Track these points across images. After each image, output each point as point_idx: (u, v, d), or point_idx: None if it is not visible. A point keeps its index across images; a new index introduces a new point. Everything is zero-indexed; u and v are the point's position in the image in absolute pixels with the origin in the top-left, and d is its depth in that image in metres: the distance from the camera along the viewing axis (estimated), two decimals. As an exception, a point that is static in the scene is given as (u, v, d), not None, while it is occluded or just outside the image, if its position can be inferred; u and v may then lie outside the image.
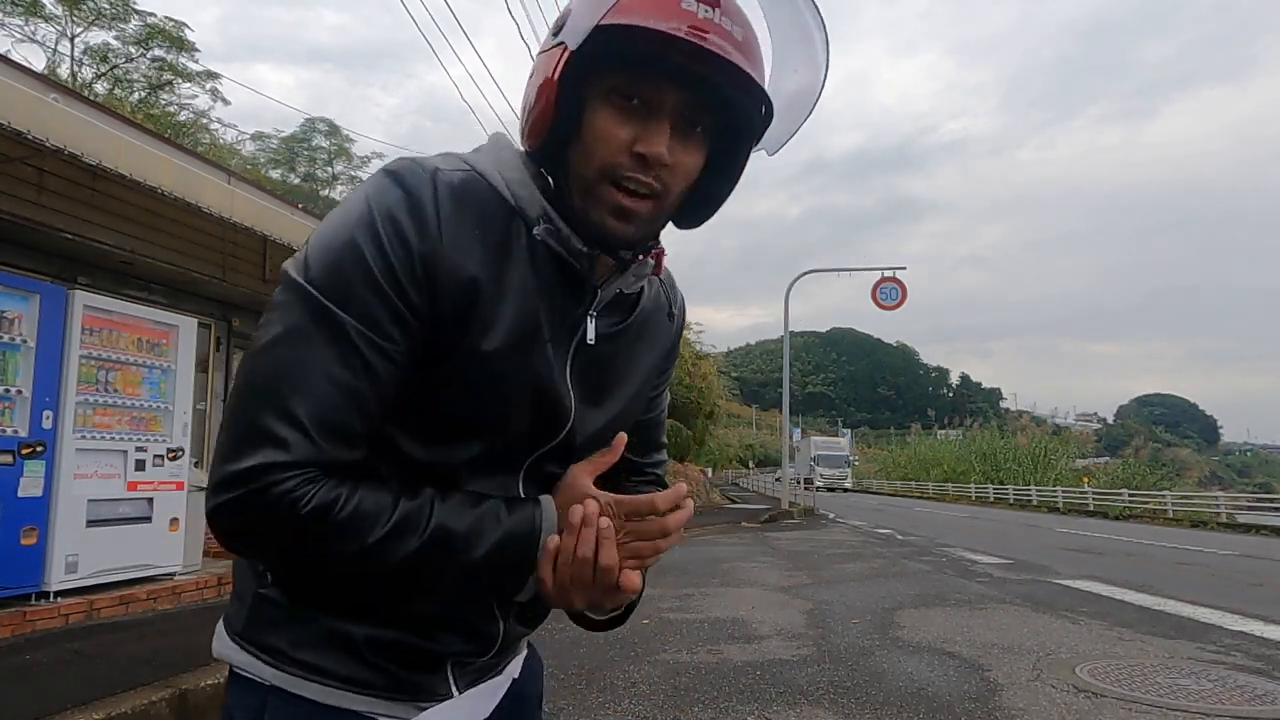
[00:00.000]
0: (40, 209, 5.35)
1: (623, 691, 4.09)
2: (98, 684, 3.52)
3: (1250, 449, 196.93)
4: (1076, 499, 27.81)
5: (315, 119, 33.49)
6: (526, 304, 0.80)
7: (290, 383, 0.71)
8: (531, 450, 0.85)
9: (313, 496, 0.70)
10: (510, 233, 0.80)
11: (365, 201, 0.76)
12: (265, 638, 0.81)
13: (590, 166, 0.78)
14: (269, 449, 0.70)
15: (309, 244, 0.77)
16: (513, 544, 0.77)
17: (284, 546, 0.73)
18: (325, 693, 0.80)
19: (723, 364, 46.13)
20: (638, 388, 0.95)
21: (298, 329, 0.73)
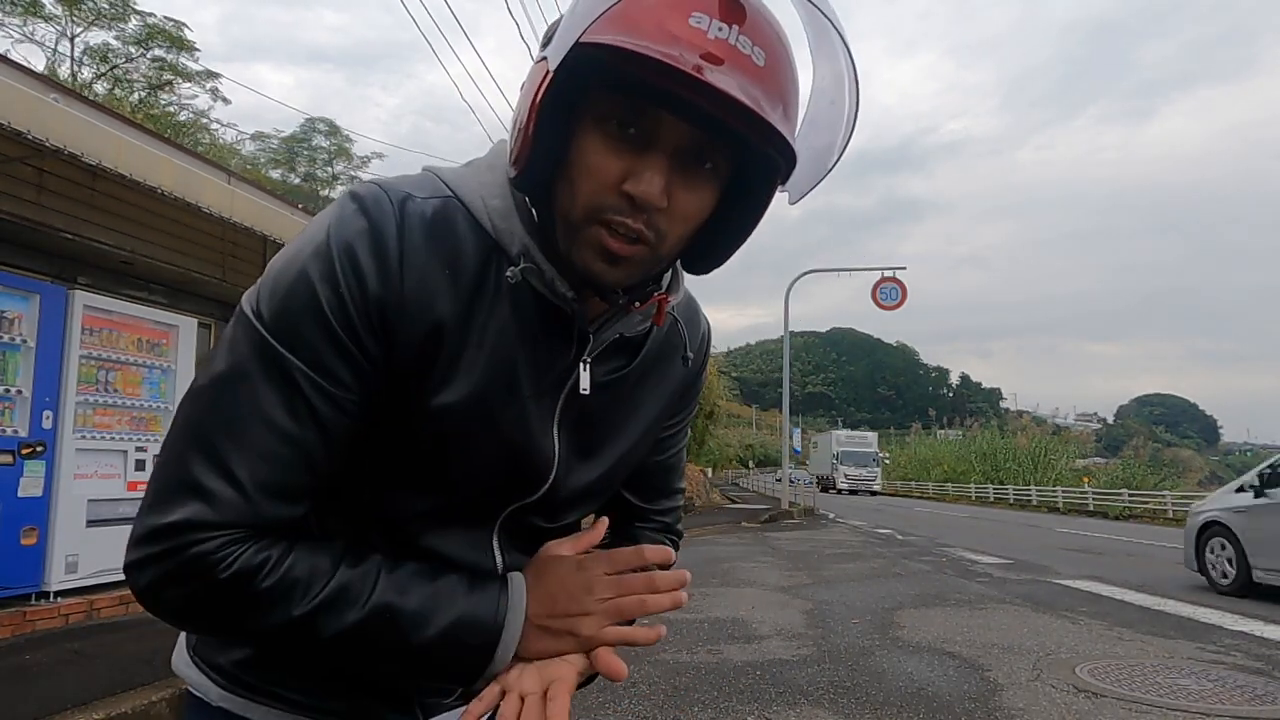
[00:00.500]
0: (40, 209, 5.35)
1: (623, 691, 4.09)
2: (98, 684, 3.52)
3: (1250, 449, 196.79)
4: (1076, 499, 27.80)
5: (315, 119, 33.54)
6: (501, 352, 0.71)
7: (227, 429, 0.64)
8: (505, 504, 0.78)
9: (235, 560, 0.63)
10: (488, 271, 0.71)
11: (325, 231, 0.68)
12: (214, 656, 0.77)
13: (576, 203, 0.67)
14: (194, 504, 0.63)
15: (265, 273, 0.70)
16: (470, 628, 0.69)
17: (201, 612, 0.65)
18: (274, 715, 0.76)
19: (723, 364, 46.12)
20: (638, 437, 0.85)
21: (241, 369, 0.66)
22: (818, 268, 32.30)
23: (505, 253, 0.71)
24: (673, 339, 0.86)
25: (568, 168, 0.67)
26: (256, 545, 0.64)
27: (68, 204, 5.52)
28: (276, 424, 0.65)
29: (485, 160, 0.77)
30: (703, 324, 0.93)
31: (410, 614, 0.68)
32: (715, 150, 0.67)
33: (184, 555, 0.62)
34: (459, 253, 0.70)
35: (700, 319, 0.92)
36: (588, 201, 0.66)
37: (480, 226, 0.71)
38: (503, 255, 0.71)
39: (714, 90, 0.60)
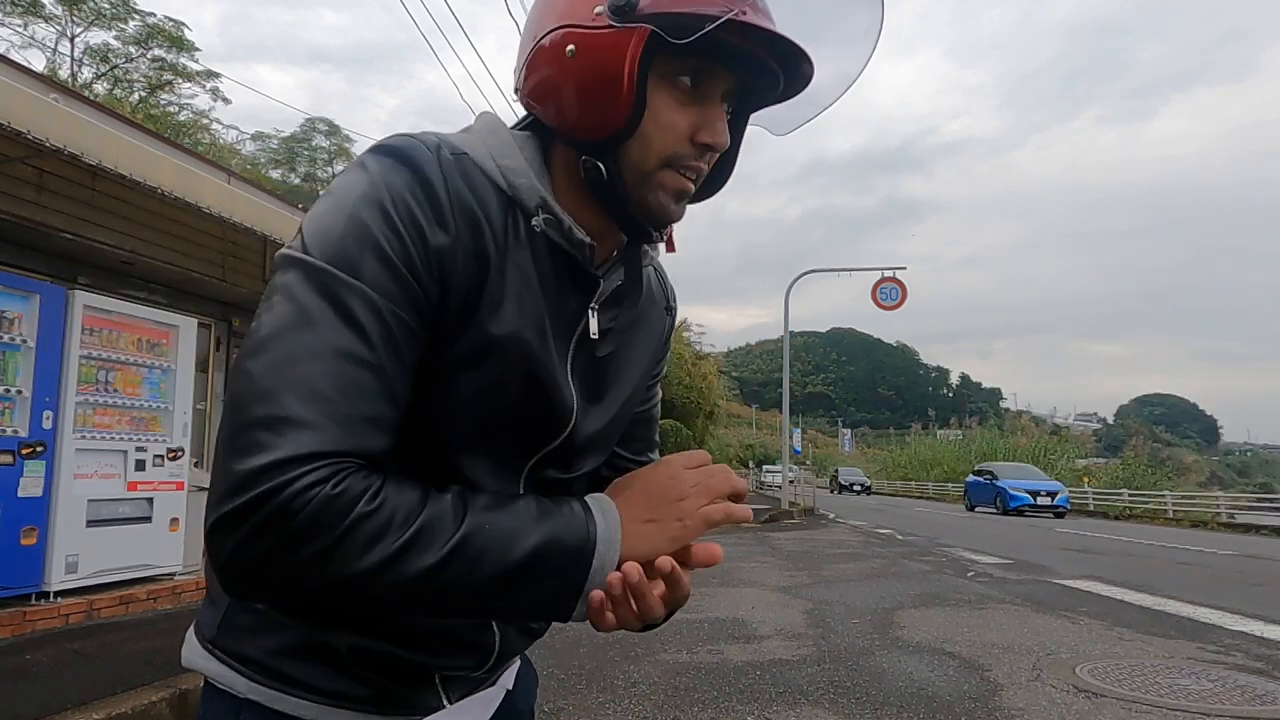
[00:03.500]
0: (40, 209, 5.35)
1: (623, 691, 4.09)
2: (98, 684, 3.52)
3: (1250, 449, 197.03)
4: (1076, 499, 27.79)
5: (315, 119, 33.60)
6: (529, 297, 0.75)
7: (311, 363, 0.62)
8: (532, 453, 0.80)
9: (345, 487, 0.60)
10: (508, 222, 0.74)
11: (367, 181, 0.68)
12: (240, 646, 0.75)
13: (651, 155, 0.74)
14: (299, 434, 0.60)
15: (302, 230, 0.69)
16: (560, 545, 0.68)
17: (303, 560, 0.60)
18: (304, 707, 0.74)
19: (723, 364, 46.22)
20: (635, 384, 0.90)
21: (308, 307, 0.64)
22: (818, 268, 32.34)
23: (520, 206, 0.75)
24: (655, 288, 0.94)
25: (641, 126, 0.73)
26: (362, 474, 0.62)
27: (68, 204, 5.53)
28: (357, 353, 0.63)
29: (482, 128, 0.79)
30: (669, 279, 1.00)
31: (503, 531, 0.66)
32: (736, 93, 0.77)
33: (293, 489, 0.58)
34: (485, 202, 0.73)
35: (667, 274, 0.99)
36: (664, 151, 0.74)
37: (493, 183, 0.75)
38: (517, 209, 0.75)
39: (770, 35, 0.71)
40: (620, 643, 5.18)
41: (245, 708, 0.74)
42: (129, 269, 6.35)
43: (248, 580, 0.62)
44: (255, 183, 9.15)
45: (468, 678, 0.84)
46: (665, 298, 0.96)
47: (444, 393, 0.73)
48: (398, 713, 0.78)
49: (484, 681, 0.87)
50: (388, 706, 0.77)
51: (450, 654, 0.80)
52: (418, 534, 0.62)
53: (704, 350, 31.91)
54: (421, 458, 0.73)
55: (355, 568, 0.61)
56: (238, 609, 0.76)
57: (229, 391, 0.64)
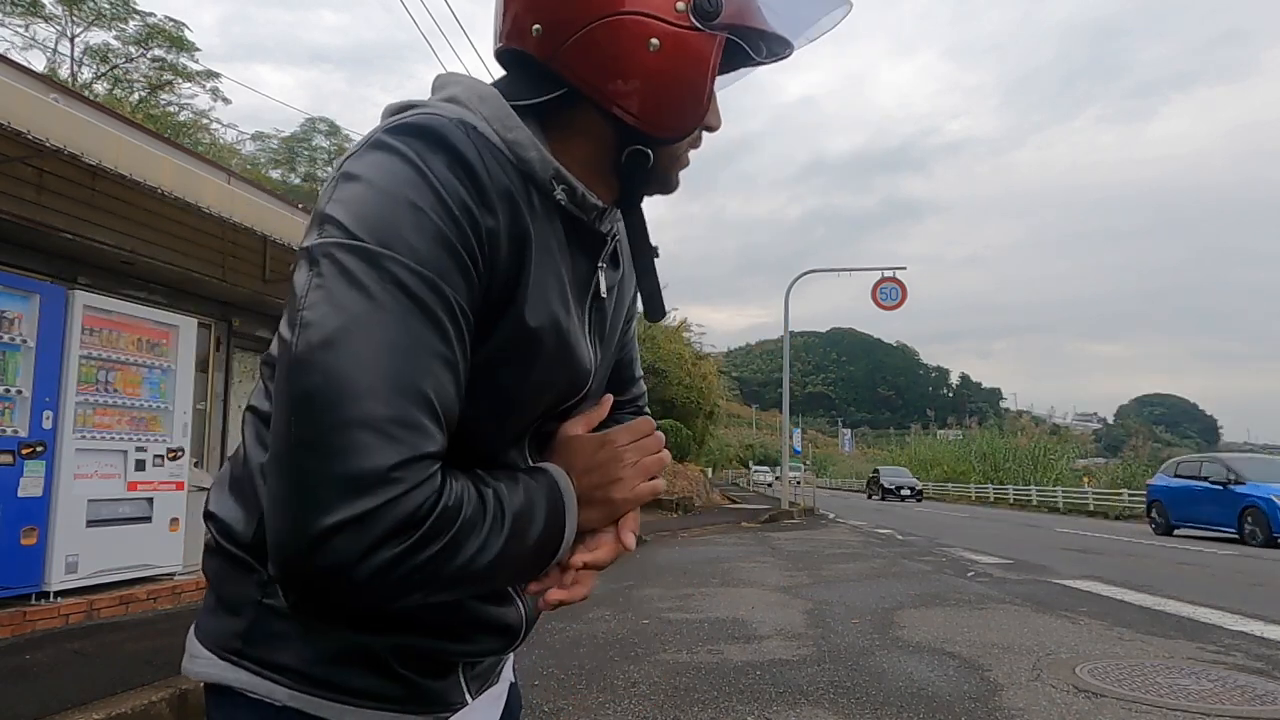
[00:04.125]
0: (40, 209, 5.36)
1: (623, 691, 4.09)
2: (98, 684, 3.52)
3: (1250, 449, 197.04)
4: (1076, 499, 27.81)
5: (315, 119, 33.56)
6: (554, 268, 0.76)
7: (401, 358, 0.59)
8: (550, 412, 0.81)
9: (450, 491, 0.61)
10: (529, 196, 0.74)
11: (407, 163, 0.64)
12: (273, 654, 0.72)
13: (686, 144, 0.80)
14: (412, 437, 0.58)
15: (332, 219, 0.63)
16: (553, 512, 0.72)
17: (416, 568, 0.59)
18: (344, 711, 0.72)
19: (723, 364, 46.21)
20: (621, 332, 0.95)
21: (381, 298, 0.60)
22: (818, 268, 32.34)
23: (534, 180, 0.74)
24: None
25: None
26: (448, 470, 0.62)
27: (68, 204, 5.53)
28: (438, 349, 0.61)
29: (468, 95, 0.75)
30: None
31: (527, 513, 0.69)
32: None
33: (421, 491, 0.58)
34: (509, 174, 0.72)
35: None
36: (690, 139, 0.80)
37: (505, 157, 0.73)
38: (529, 181, 0.74)
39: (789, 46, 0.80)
40: (620, 643, 5.18)
41: (283, 715, 0.72)
42: (129, 269, 6.35)
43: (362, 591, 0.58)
44: (255, 183, 9.15)
45: (483, 668, 0.85)
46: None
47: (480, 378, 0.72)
48: (428, 710, 0.78)
49: (493, 674, 0.89)
50: (420, 704, 0.77)
51: (482, 638, 0.80)
52: (491, 528, 0.65)
53: (704, 350, 31.88)
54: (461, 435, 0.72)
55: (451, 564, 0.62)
56: (269, 616, 0.72)
57: (296, 386, 0.59)
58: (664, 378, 22.51)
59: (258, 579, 0.72)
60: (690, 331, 29.82)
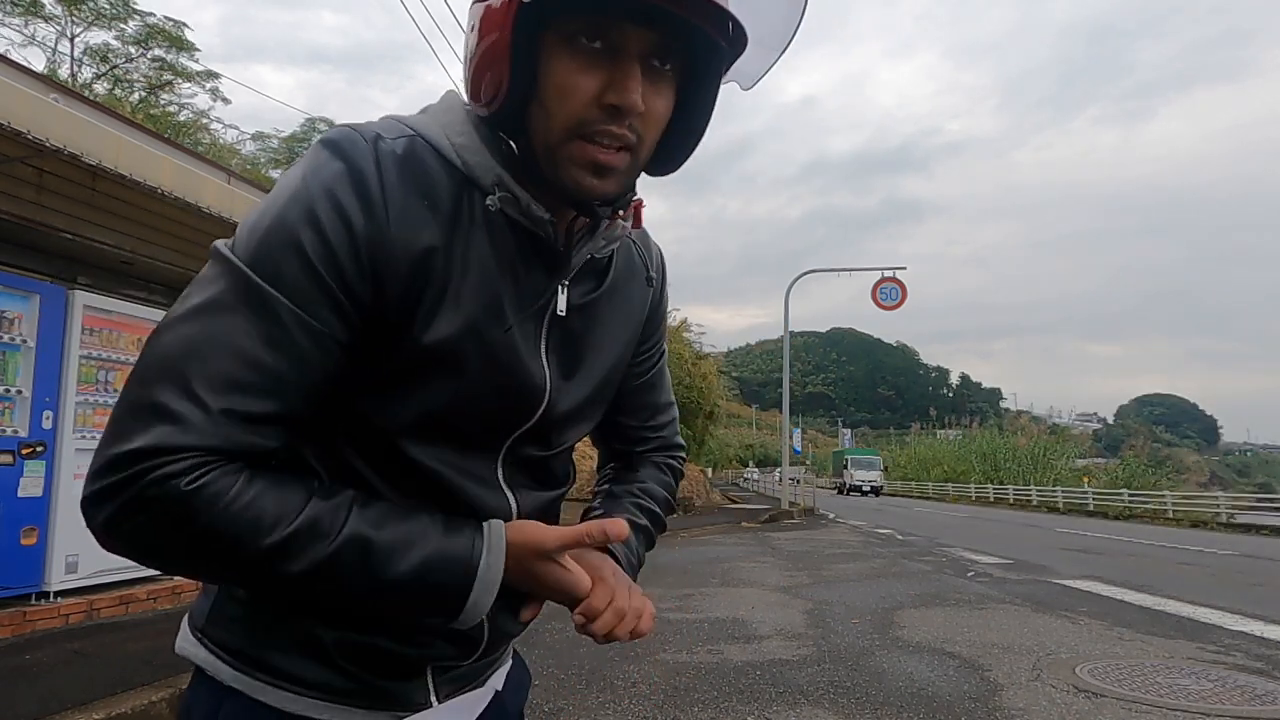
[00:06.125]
0: (40, 209, 5.35)
1: (623, 691, 4.09)
2: (98, 684, 3.52)
3: (1250, 449, 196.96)
4: (1076, 499, 27.81)
5: (315, 119, 33.49)
6: (485, 282, 0.73)
7: (199, 356, 0.62)
8: (508, 433, 0.79)
9: (202, 482, 0.61)
10: (461, 204, 0.72)
11: (301, 178, 0.68)
12: (227, 635, 0.75)
13: (556, 124, 0.70)
14: (160, 427, 0.61)
15: (241, 224, 0.69)
16: (442, 566, 0.68)
17: (167, 543, 0.62)
18: (286, 699, 0.73)
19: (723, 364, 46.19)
20: (617, 357, 0.89)
21: (216, 301, 0.64)
22: (818, 268, 32.34)
23: (477, 185, 0.73)
24: (634, 261, 0.91)
25: (540, 93, 0.70)
26: (224, 469, 0.62)
27: (68, 204, 5.52)
28: (251, 353, 0.63)
29: (440, 106, 0.78)
30: (655, 247, 0.97)
31: (383, 547, 0.66)
32: (670, 51, 0.71)
33: (149, 478, 0.60)
34: (433, 186, 0.71)
35: (653, 243, 0.96)
36: (568, 120, 0.69)
37: (449, 163, 0.73)
38: (474, 188, 0.73)
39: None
40: (620, 643, 5.18)
41: (228, 696, 0.74)
42: (129, 269, 6.35)
43: (121, 548, 0.64)
44: (255, 183, 9.14)
45: (459, 673, 0.84)
46: (646, 268, 0.93)
47: (398, 388, 0.72)
48: (383, 708, 0.77)
49: (474, 678, 0.87)
50: (373, 701, 0.77)
51: (436, 643, 0.78)
52: (285, 540, 0.63)
53: (704, 350, 31.83)
54: (373, 446, 0.73)
55: (219, 562, 0.64)
56: (227, 599, 0.76)
57: (139, 357, 0.66)
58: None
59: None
60: (690, 331, 29.81)
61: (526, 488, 0.83)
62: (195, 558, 0.64)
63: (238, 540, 0.62)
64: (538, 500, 0.85)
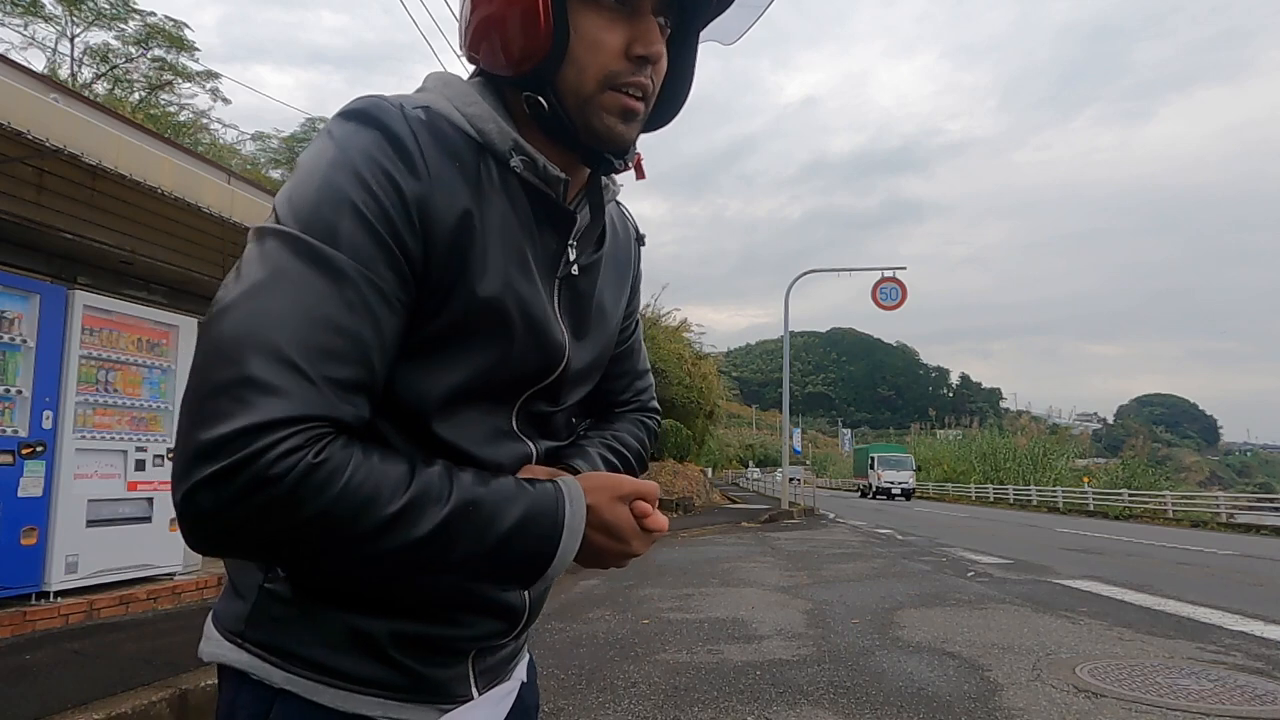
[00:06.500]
0: (40, 209, 5.35)
1: (623, 691, 4.09)
2: (98, 684, 3.52)
3: (1250, 449, 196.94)
4: (1076, 499, 27.81)
5: (315, 119, 33.46)
6: (512, 242, 0.75)
7: (283, 326, 0.60)
8: (526, 389, 0.80)
9: (326, 456, 0.59)
10: (480, 169, 0.74)
11: (335, 148, 0.68)
12: (273, 637, 0.73)
13: (588, 76, 0.74)
14: (267, 401, 0.57)
15: (275, 204, 0.68)
16: (537, 519, 0.69)
17: (286, 528, 0.59)
18: (340, 697, 0.73)
19: (723, 364, 46.18)
20: (616, 318, 0.93)
21: (281, 271, 0.62)
22: (818, 268, 32.31)
23: (492, 151, 0.76)
24: (622, 221, 0.96)
25: (571, 49, 0.74)
26: (339, 440, 0.61)
27: (68, 204, 5.53)
28: (331, 317, 0.62)
29: (434, 84, 0.80)
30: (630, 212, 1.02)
31: (488, 507, 0.67)
32: (670, 8, 0.78)
33: (268, 457, 0.57)
34: (458, 151, 0.73)
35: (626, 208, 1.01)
36: (600, 71, 0.74)
37: (464, 131, 0.75)
38: (488, 154, 0.76)
39: None
40: (620, 643, 5.18)
41: (279, 698, 0.72)
42: (129, 269, 6.35)
43: (228, 541, 0.60)
44: (255, 183, 9.14)
45: (494, 662, 0.85)
46: (633, 229, 0.98)
47: (444, 351, 0.73)
48: (431, 700, 0.78)
49: (504, 674, 0.88)
50: (422, 694, 0.77)
51: (481, 622, 0.80)
52: (405, 509, 0.62)
53: (704, 350, 31.83)
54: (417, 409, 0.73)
55: (339, 538, 0.60)
56: (269, 600, 0.73)
57: (199, 345, 0.62)
58: (664, 378, 22.50)
59: (261, 564, 0.74)
60: (690, 331, 29.81)
61: (539, 438, 0.86)
62: (313, 537, 0.60)
63: (362, 511, 0.60)
64: (551, 451, 0.88)
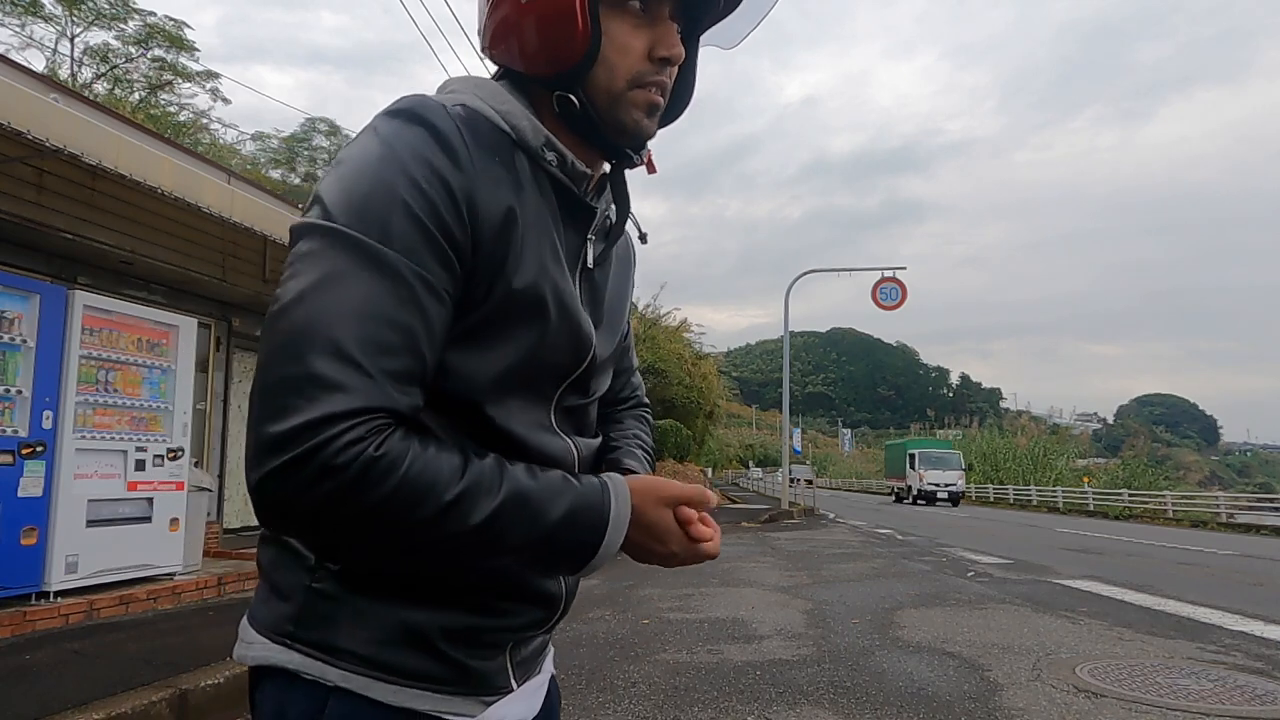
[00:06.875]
0: (40, 209, 5.36)
1: (623, 691, 4.09)
2: (98, 684, 3.52)
3: (1250, 449, 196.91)
4: (1076, 499, 27.82)
5: (316, 119, 33.48)
6: (545, 234, 0.79)
7: (341, 323, 0.64)
8: (562, 381, 0.83)
9: (388, 446, 0.62)
10: (516, 164, 0.78)
11: (382, 144, 0.70)
12: (324, 636, 0.74)
13: (619, 75, 0.79)
14: (332, 395, 0.62)
15: (322, 197, 0.70)
16: (583, 511, 0.72)
17: (350, 514, 0.63)
18: (392, 691, 0.74)
19: (723, 364, 46.20)
20: (625, 311, 0.97)
21: (337, 269, 0.65)
22: (818, 268, 32.26)
23: (524, 147, 0.79)
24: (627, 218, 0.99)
25: (603, 50, 0.79)
26: (398, 430, 0.65)
27: (68, 204, 5.53)
28: (386, 313, 0.65)
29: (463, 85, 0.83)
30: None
31: (538, 498, 0.70)
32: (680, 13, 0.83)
33: (334, 446, 0.61)
34: (497, 145, 0.77)
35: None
36: (629, 72, 0.80)
37: (499, 128, 0.78)
38: (520, 150, 0.79)
39: None
40: (620, 643, 5.18)
41: (334, 695, 0.74)
42: (129, 269, 6.35)
43: (299, 526, 0.66)
44: (255, 183, 9.15)
45: (529, 653, 0.87)
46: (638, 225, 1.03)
47: (490, 337, 0.76)
48: (475, 692, 0.80)
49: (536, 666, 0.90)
50: (467, 686, 0.79)
51: (524, 612, 0.82)
52: (459, 499, 0.65)
53: (704, 350, 31.86)
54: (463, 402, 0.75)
55: (396, 525, 0.64)
56: (317, 599, 0.74)
57: (263, 344, 0.66)
58: (664, 378, 22.50)
59: (307, 565, 0.75)
60: (690, 331, 29.85)
61: (576, 434, 0.88)
62: (380, 522, 0.64)
63: (419, 501, 0.64)
64: (588, 447, 0.90)
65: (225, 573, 6.09)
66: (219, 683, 3.69)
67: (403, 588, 0.74)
